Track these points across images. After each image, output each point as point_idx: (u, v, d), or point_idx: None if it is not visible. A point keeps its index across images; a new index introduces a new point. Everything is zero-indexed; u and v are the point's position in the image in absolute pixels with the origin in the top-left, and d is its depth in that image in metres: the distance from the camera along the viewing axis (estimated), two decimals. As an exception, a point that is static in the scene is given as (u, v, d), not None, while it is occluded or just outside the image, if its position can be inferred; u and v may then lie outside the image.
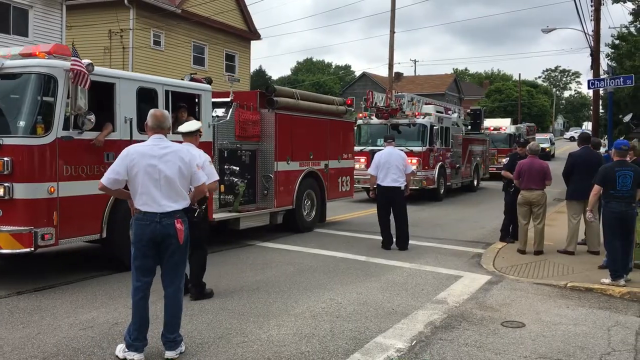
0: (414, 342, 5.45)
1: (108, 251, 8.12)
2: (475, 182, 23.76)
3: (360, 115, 19.74)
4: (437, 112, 19.67)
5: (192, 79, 9.67)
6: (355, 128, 19.37)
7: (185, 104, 9.18)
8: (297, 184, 11.72)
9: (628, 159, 7.99)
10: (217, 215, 9.78)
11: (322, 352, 5.14)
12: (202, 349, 5.14)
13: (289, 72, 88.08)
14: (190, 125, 7.04)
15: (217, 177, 6.73)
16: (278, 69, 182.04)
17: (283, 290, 7.26)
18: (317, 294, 7.14)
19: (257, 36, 33.10)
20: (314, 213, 12.51)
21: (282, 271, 8.41)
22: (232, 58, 31.42)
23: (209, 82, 9.95)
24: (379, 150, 11.26)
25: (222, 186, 9.90)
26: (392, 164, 10.28)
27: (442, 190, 19.55)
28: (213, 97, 10.06)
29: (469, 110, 25.52)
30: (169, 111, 8.39)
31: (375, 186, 10.58)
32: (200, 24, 28.15)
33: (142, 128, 8.01)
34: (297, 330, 5.71)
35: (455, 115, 21.85)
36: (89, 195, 7.40)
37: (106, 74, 7.95)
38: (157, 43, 26.32)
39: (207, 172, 6.56)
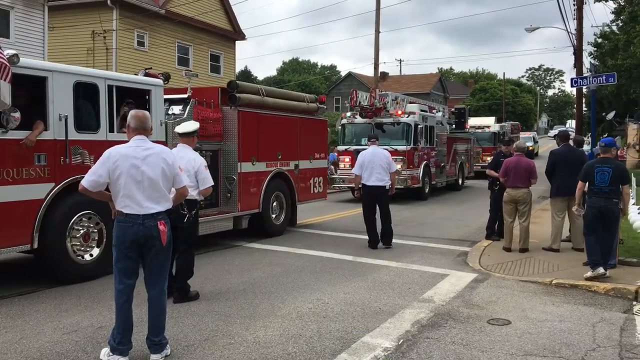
0: (401, 341, 5.45)
1: (41, 263, 7.43)
2: (460, 181, 23.88)
3: (344, 114, 19.80)
4: (422, 110, 19.71)
5: (146, 74, 9.07)
6: (340, 127, 19.45)
7: (132, 100, 8.47)
8: (264, 186, 11.10)
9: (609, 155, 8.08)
10: None
11: (309, 352, 5.12)
12: (188, 351, 5.10)
13: (274, 73, 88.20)
14: (187, 126, 6.91)
15: (211, 182, 6.65)
16: (264, 70, 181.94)
17: (270, 291, 7.23)
18: (304, 294, 7.11)
19: (242, 36, 33.00)
20: (283, 216, 11.92)
21: (268, 272, 8.38)
22: (217, 58, 31.29)
23: (166, 78, 9.25)
24: (364, 149, 11.23)
25: None
26: (376, 164, 10.31)
27: (427, 189, 19.61)
28: (171, 94, 9.60)
29: (453, 109, 25.64)
30: (112, 108, 7.98)
31: (360, 186, 10.61)
32: (185, 25, 28.00)
33: (79, 126, 7.58)
34: (283, 331, 5.69)
35: (440, 114, 21.92)
36: (17, 202, 6.74)
37: (36, 67, 7.24)
38: (140, 44, 26.11)
39: (202, 177, 6.52)
